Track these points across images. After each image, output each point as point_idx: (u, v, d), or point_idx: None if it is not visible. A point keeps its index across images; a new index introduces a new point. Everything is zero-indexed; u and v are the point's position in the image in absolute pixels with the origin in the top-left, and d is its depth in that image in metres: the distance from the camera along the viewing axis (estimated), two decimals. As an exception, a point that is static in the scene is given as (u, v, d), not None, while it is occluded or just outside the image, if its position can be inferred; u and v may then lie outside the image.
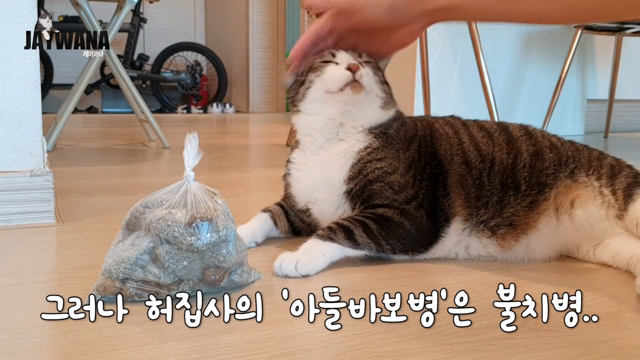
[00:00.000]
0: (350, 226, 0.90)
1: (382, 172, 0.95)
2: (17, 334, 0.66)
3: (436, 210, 0.94)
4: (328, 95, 0.95)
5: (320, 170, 0.98)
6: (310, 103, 0.97)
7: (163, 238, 0.74)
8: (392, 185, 0.94)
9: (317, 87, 0.96)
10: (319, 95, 0.96)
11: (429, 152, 0.98)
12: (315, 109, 0.97)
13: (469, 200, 0.95)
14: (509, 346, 0.64)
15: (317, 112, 0.97)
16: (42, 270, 0.90)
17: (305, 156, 1.01)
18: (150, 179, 1.77)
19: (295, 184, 1.02)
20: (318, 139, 0.98)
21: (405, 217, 0.92)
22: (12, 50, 1.13)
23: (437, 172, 0.97)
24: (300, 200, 1.02)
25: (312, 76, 0.96)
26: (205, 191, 0.78)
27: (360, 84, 0.93)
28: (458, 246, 0.96)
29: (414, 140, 0.99)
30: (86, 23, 2.39)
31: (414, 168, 0.96)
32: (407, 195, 0.94)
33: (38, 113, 1.17)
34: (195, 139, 0.77)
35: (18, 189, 1.14)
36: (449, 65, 2.82)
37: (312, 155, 0.99)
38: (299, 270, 0.85)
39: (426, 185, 0.95)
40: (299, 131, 1.02)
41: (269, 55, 5.25)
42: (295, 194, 1.03)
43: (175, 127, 3.62)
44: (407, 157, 0.97)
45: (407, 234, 0.92)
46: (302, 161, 1.01)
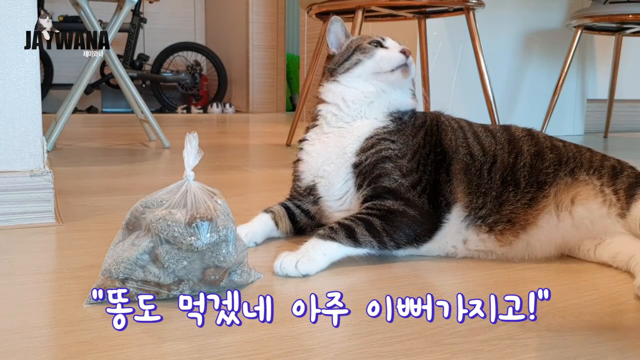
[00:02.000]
0: (352, 225, 0.91)
1: (394, 154, 0.97)
2: (17, 334, 0.66)
3: (438, 195, 0.96)
4: (375, 75, 1.01)
5: (335, 142, 1.02)
6: (352, 78, 1.03)
7: (163, 238, 0.74)
8: (400, 168, 0.96)
9: (365, 65, 1.02)
10: (364, 74, 1.02)
11: (434, 141, 1.01)
12: (355, 83, 1.03)
13: (470, 188, 0.97)
14: (508, 346, 0.64)
15: (356, 87, 1.03)
16: (42, 270, 0.90)
17: (321, 132, 1.05)
18: (150, 179, 1.77)
19: (307, 157, 1.05)
20: (344, 111, 1.03)
21: (408, 205, 0.93)
22: (12, 50, 1.13)
23: (441, 159, 0.98)
24: (308, 175, 1.04)
25: (360, 55, 1.02)
26: (205, 191, 0.78)
27: (409, 69, 1.00)
28: (457, 238, 0.96)
29: (421, 129, 1.03)
30: (86, 23, 2.39)
31: (419, 154, 0.99)
32: (412, 179, 0.96)
33: (38, 113, 1.17)
34: (195, 138, 0.77)
35: (18, 189, 1.14)
36: (449, 65, 2.82)
37: (329, 128, 1.04)
38: (299, 270, 0.85)
39: (429, 171, 0.97)
40: (327, 100, 1.05)
41: (269, 55, 5.25)
42: (304, 169, 1.05)
43: (175, 127, 3.62)
44: (414, 144, 1.00)
45: (412, 221, 0.93)
46: (317, 137, 1.05)
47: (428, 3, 2.21)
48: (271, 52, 5.26)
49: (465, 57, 2.67)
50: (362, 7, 2.12)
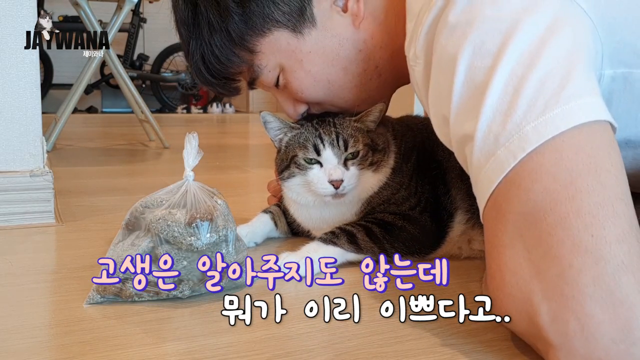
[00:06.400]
0: (353, 230, 0.90)
1: (387, 197, 0.96)
2: (17, 334, 0.66)
3: (439, 209, 0.95)
4: (312, 190, 0.94)
5: (329, 211, 0.98)
6: (295, 187, 0.96)
7: (163, 238, 0.74)
8: (396, 202, 0.95)
9: (300, 182, 0.95)
10: (304, 186, 0.95)
11: (428, 156, 0.99)
12: (301, 191, 0.96)
13: (469, 193, 0.95)
14: (509, 347, 0.64)
15: (303, 194, 0.97)
16: (42, 270, 0.89)
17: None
18: (150, 179, 1.77)
19: (297, 218, 1.02)
20: (310, 205, 0.98)
21: (408, 221, 0.93)
22: (12, 50, 1.13)
23: (437, 173, 0.97)
24: (304, 227, 1.02)
25: (295, 169, 0.94)
26: (205, 191, 0.78)
27: (342, 194, 0.92)
28: (462, 238, 0.96)
29: (413, 150, 1.00)
30: (86, 23, 2.39)
31: (416, 176, 0.97)
32: (410, 204, 0.95)
33: (38, 113, 1.17)
34: (195, 139, 0.77)
35: (18, 189, 1.14)
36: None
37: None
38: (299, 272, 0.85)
39: (428, 190, 0.96)
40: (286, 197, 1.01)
41: (269, 55, 5.25)
42: (298, 221, 1.03)
43: (175, 127, 3.62)
44: (408, 168, 0.97)
45: (412, 238, 0.92)
46: (301, 208, 1.00)
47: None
48: (271, 52, 5.25)
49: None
50: (362, 7, 2.12)
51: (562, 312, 0.53)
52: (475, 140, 0.60)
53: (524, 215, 0.56)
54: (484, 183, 0.61)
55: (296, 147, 0.94)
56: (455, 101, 0.63)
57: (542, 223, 0.55)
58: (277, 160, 1.00)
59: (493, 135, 0.59)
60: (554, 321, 0.53)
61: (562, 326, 0.52)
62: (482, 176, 0.61)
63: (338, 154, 0.92)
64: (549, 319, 0.53)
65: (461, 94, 0.62)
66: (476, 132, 0.60)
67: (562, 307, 0.53)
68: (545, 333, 0.54)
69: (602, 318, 0.51)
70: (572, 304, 0.52)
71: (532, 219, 0.56)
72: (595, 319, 0.51)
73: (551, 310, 0.53)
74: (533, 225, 0.56)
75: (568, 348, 0.52)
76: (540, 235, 0.55)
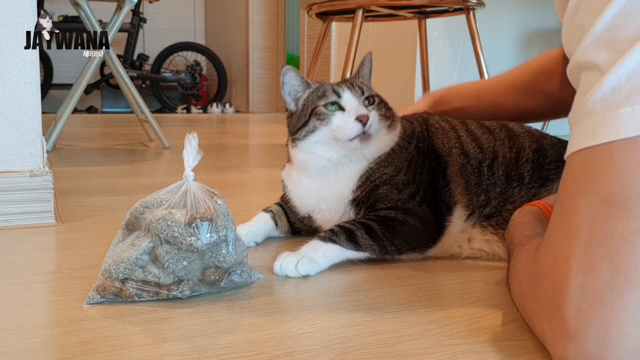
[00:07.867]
0: (353, 228, 0.90)
1: (389, 176, 0.95)
2: (17, 334, 0.66)
3: (438, 201, 0.95)
4: (334, 141, 0.93)
5: (326, 185, 0.98)
6: (311, 145, 0.96)
7: (163, 238, 0.74)
8: (397, 186, 0.95)
9: (322, 133, 0.94)
10: (323, 140, 0.94)
11: (427, 147, 1.00)
12: (316, 150, 0.96)
13: (469, 187, 0.96)
14: (509, 347, 0.64)
15: (317, 153, 0.96)
16: (42, 271, 0.89)
17: (305, 176, 1.00)
18: (150, 179, 1.77)
19: (296, 199, 1.02)
20: (314, 174, 0.98)
21: (408, 214, 0.93)
22: (12, 50, 1.13)
23: (436, 165, 0.98)
24: (302, 210, 1.02)
25: (316, 122, 0.94)
26: (205, 191, 0.78)
27: (369, 134, 0.92)
28: (462, 236, 0.96)
29: (412, 138, 1.00)
30: (86, 23, 2.38)
31: (414, 163, 0.97)
32: (410, 191, 0.95)
33: (38, 113, 1.17)
34: (195, 139, 0.77)
35: (18, 189, 1.14)
36: (449, 65, 2.82)
37: (311, 177, 0.99)
38: (299, 271, 0.85)
39: (426, 179, 0.96)
40: (295, 164, 1.01)
41: (269, 55, 5.25)
42: (296, 204, 1.03)
43: (175, 127, 3.62)
44: (407, 155, 0.98)
45: (413, 230, 0.92)
46: (302, 180, 1.00)
47: (428, 3, 2.20)
48: (271, 52, 5.26)
49: (465, 57, 2.67)
50: (362, 7, 2.12)
51: (592, 315, 0.51)
52: (605, 79, 0.51)
53: (607, 206, 0.51)
54: (587, 130, 0.53)
55: (315, 99, 0.96)
56: (605, 20, 0.53)
57: (620, 224, 0.50)
58: (292, 121, 1.00)
59: (630, 87, 0.50)
60: (578, 319, 0.52)
61: (586, 326, 0.52)
62: (590, 121, 0.53)
63: (357, 96, 0.95)
64: (575, 314, 0.52)
65: (614, 16, 0.53)
66: (609, 72, 0.51)
67: (595, 311, 0.51)
68: (562, 321, 0.53)
69: (629, 333, 0.50)
70: (607, 312, 0.51)
71: (613, 214, 0.51)
72: (622, 332, 0.50)
73: (582, 309, 0.52)
74: (610, 220, 0.51)
75: (581, 346, 0.52)
76: (612, 236, 0.51)
